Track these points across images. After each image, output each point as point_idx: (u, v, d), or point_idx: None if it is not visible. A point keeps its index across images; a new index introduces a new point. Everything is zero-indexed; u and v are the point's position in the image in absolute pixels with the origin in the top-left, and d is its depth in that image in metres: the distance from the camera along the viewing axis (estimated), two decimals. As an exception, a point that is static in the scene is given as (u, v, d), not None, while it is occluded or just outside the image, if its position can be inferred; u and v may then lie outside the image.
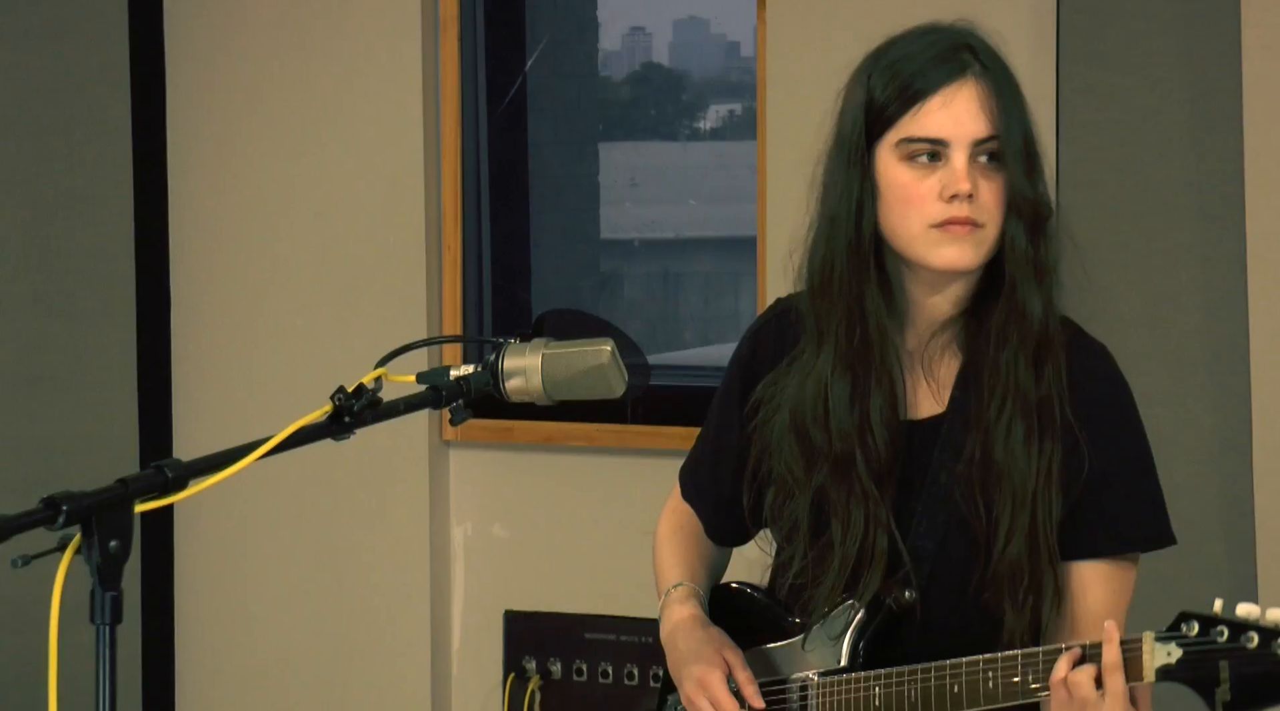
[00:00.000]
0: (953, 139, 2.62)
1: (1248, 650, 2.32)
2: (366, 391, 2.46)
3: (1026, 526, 2.63)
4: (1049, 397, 2.65)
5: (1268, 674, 2.31)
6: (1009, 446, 2.64)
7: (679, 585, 2.97)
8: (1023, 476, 2.63)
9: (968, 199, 2.61)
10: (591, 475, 4.64)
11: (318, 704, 4.79)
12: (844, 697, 2.72)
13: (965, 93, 2.62)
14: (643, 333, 5.29)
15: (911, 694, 2.64)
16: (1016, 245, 2.64)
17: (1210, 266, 3.94)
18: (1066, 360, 2.68)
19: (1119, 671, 2.43)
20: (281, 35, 4.74)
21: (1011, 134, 2.62)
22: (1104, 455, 2.66)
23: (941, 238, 2.63)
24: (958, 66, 2.63)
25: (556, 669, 4.68)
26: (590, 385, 2.62)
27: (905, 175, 2.64)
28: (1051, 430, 2.64)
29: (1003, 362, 2.66)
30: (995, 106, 2.62)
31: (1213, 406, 3.95)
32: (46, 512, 2.18)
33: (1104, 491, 2.66)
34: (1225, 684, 2.34)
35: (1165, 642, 2.39)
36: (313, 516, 4.77)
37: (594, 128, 5.29)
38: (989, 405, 2.67)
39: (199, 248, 4.83)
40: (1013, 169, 2.63)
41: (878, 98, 2.65)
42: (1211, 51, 3.90)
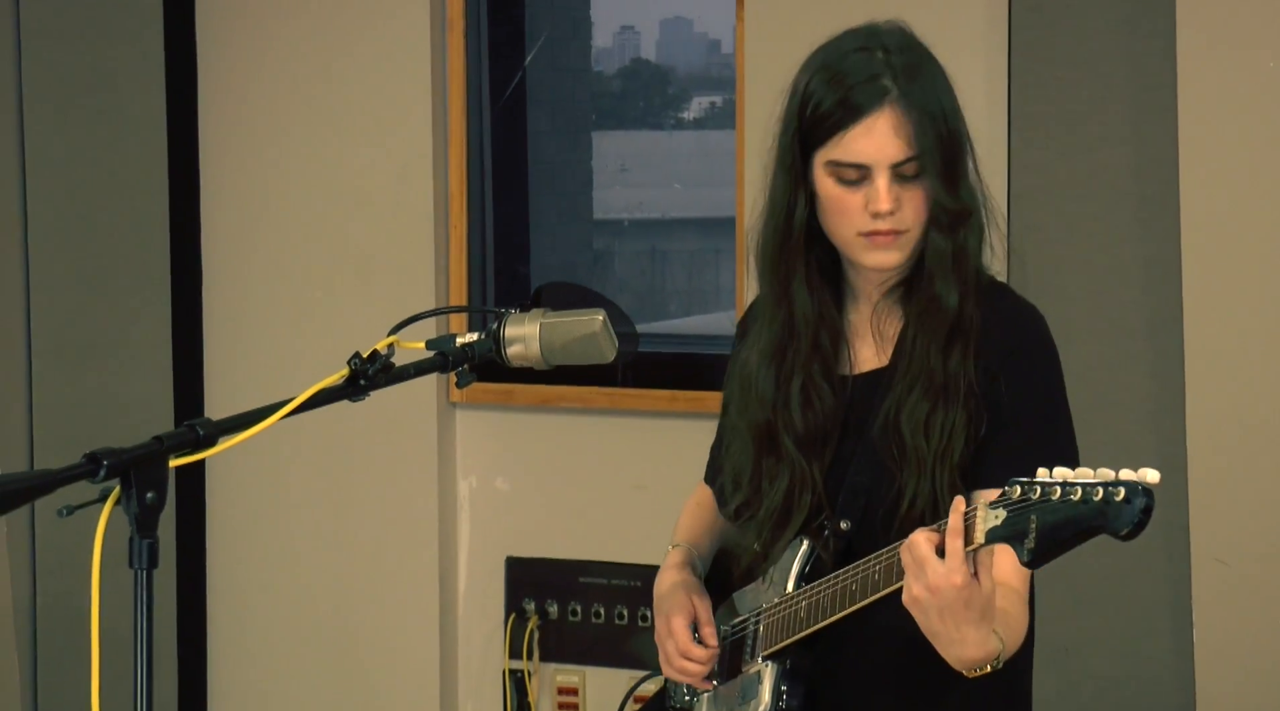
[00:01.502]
0: (873, 163, 2.64)
1: (1051, 501, 2.32)
2: (380, 357, 2.46)
3: (928, 493, 2.66)
4: (957, 375, 2.68)
5: (1063, 520, 2.31)
6: (914, 421, 2.68)
7: (676, 546, 3.02)
8: (922, 450, 2.67)
9: (890, 215, 2.64)
10: (585, 433, 4.64)
11: (336, 641, 4.79)
12: (780, 617, 2.76)
13: (883, 121, 2.63)
14: (632, 304, 5.28)
15: (823, 600, 2.68)
16: (936, 247, 2.69)
17: (1147, 244, 3.94)
18: (985, 314, 2.70)
19: (958, 534, 2.42)
20: (303, 35, 4.73)
21: (928, 151, 2.64)
22: (1012, 396, 2.67)
23: (869, 244, 2.68)
24: (877, 93, 2.63)
25: (554, 610, 4.68)
26: (584, 351, 2.62)
27: (835, 189, 2.68)
28: (957, 404, 2.67)
29: (917, 347, 2.70)
30: (912, 128, 2.63)
31: (1149, 371, 3.95)
32: (89, 467, 2.18)
33: (1013, 428, 2.67)
34: (1031, 534, 2.34)
35: (994, 508, 2.39)
36: (331, 471, 4.76)
37: (587, 118, 5.27)
38: (898, 383, 2.71)
39: (228, 227, 4.82)
40: (931, 181, 2.65)
41: (808, 114, 2.68)
42: (1149, 49, 3.90)
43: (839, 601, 2.65)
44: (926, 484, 2.66)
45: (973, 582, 2.43)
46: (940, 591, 2.43)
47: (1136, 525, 2.28)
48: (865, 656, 2.73)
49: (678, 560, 2.98)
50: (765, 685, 2.77)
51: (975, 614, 2.45)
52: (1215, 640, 3.86)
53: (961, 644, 2.47)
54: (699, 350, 4.69)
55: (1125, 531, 2.28)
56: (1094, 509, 2.29)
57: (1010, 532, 2.36)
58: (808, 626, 2.71)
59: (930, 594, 2.44)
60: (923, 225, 2.67)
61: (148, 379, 4.78)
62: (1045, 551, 2.33)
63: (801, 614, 2.72)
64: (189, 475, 4.77)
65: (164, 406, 4.76)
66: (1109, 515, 2.28)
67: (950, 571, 2.42)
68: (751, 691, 2.79)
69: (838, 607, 2.65)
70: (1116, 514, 2.28)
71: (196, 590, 4.87)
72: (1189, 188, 3.84)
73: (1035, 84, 3.98)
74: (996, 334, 2.70)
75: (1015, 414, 2.67)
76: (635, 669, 4.56)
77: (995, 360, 2.68)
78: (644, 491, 4.55)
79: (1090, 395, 3.88)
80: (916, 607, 2.47)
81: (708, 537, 3.02)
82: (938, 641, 2.49)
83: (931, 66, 2.70)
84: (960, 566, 2.42)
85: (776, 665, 2.77)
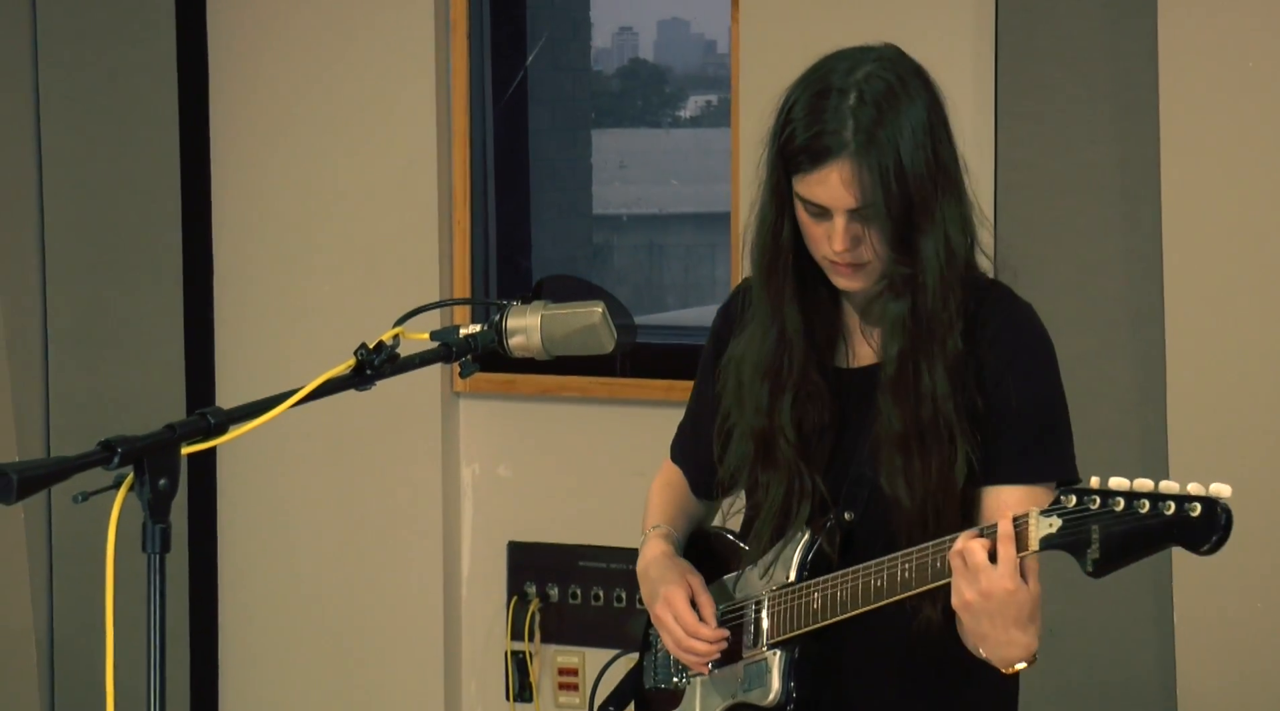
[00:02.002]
0: (831, 207, 2.63)
1: (1114, 512, 2.33)
2: (386, 347, 2.45)
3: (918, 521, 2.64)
4: (932, 415, 2.65)
5: (1131, 531, 2.32)
6: (892, 483, 2.67)
7: (656, 527, 3.01)
8: (907, 507, 2.65)
9: (846, 252, 2.64)
10: (585, 422, 4.64)
11: (343, 623, 4.79)
12: (789, 606, 2.74)
13: (836, 174, 2.61)
14: (630, 296, 5.29)
15: (842, 594, 2.66)
16: (889, 310, 2.68)
17: (1130, 238, 3.94)
18: (987, 317, 2.69)
19: (1010, 541, 2.43)
20: (311, 37, 4.73)
21: (877, 207, 2.61)
22: (1015, 396, 2.66)
23: (834, 270, 2.69)
24: (837, 145, 2.60)
25: (554, 592, 4.68)
26: (584, 342, 2.61)
27: (806, 217, 2.67)
28: (936, 442, 2.65)
29: (879, 405, 2.69)
30: (864, 184, 2.60)
31: (1132, 362, 3.95)
32: (103, 454, 2.18)
33: (1014, 426, 2.66)
34: (1095, 544, 2.34)
35: (1048, 515, 2.40)
36: (338, 458, 4.76)
37: (587, 116, 5.27)
38: (875, 397, 2.71)
39: (238, 222, 4.82)
40: (879, 230, 2.63)
41: (785, 143, 2.66)
42: (1132, 50, 3.90)
43: (863, 596, 2.63)
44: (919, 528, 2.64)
45: (1023, 587, 2.45)
46: (993, 597, 2.45)
47: (1218, 541, 2.30)
48: (869, 646, 2.72)
49: (661, 542, 2.97)
50: (774, 673, 2.75)
51: (1024, 617, 2.47)
52: (1195, 622, 3.86)
53: (1009, 646, 2.50)
54: (695, 341, 4.67)
55: (1206, 547, 2.30)
56: (1166, 522, 2.30)
57: (1068, 541, 2.37)
58: (824, 619, 2.69)
59: (983, 599, 2.46)
60: (885, 256, 2.65)
61: (160, 369, 4.78)
62: (1111, 561, 2.35)
63: (815, 606, 2.70)
64: (201, 462, 4.77)
65: (176, 396, 4.75)
66: (1187, 529, 2.30)
67: (1002, 577, 2.44)
68: (758, 679, 2.77)
69: (860, 603, 2.63)
70: (1195, 529, 2.29)
71: (207, 574, 4.87)
72: (1170, 184, 3.84)
73: (1021, 84, 3.98)
74: (995, 338, 2.68)
75: (1022, 411, 2.66)
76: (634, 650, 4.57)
77: (998, 362, 2.67)
78: (642, 478, 4.53)
79: (1075, 384, 3.87)
80: (968, 612, 2.49)
81: (682, 518, 3.02)
82: (985, 643, 2.51)
83: (907, 111, 2.64)
84: (1013, 572, 2.44)
85: (785, 653, 2.75)
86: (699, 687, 2.88)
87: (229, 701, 4.91)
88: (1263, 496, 3.80)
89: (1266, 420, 3.80)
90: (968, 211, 2.71)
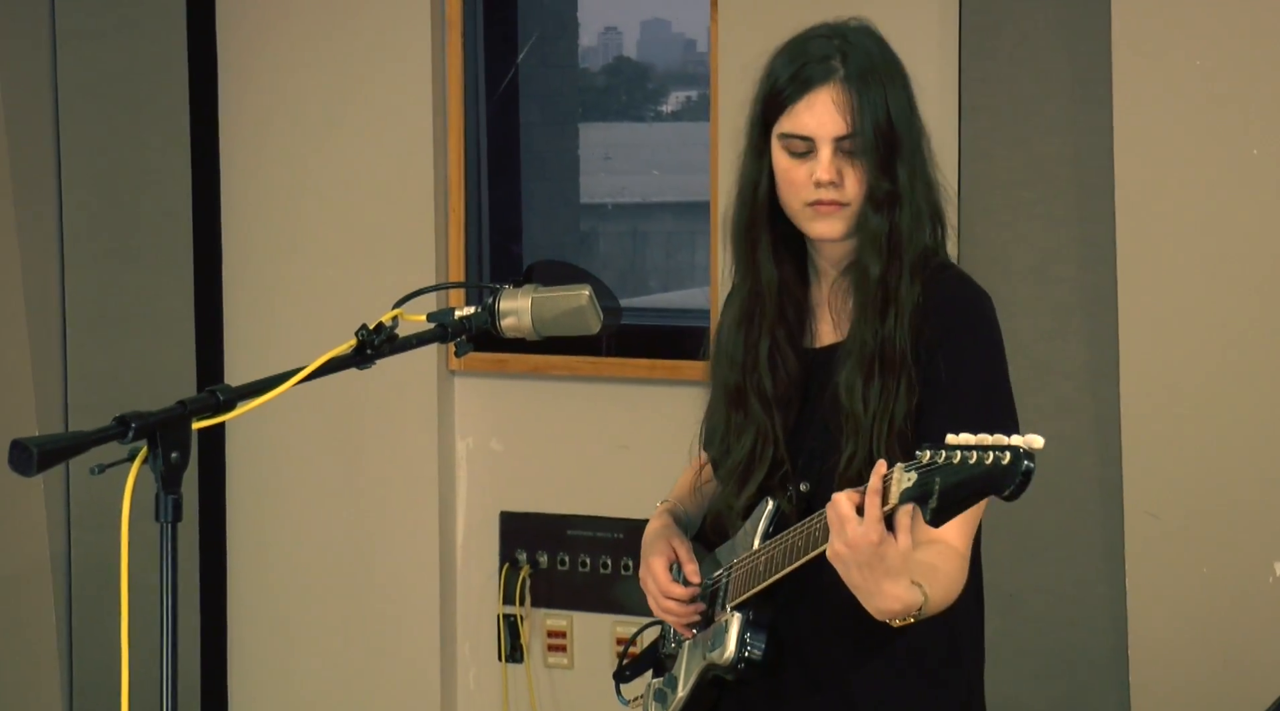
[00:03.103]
0: (816, 136, 2.63)
1: (952, 464, 2.31)
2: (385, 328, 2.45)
3: (865, 456, 2.63)
4: (890, 345, 2.64)
5: (960, 482, 2.30)
6: (850, 389, 2.66)
7: (664, 502, 3.00)
8: (860, 416, 2.64)
9: (831, 185, 2.62)
10: (572, 399, 4.63)
11: (345, 588, 4.79)
12: (744, 571, 2.74)
13: (825, 97, 2.61)
14: (615, 280, 5.28)
15: (776, 555, 2.66)
16: (867, 223, 2.66)
17: (1085, 226, 3.94)
18: (934, 292, 2.67)
19: (876, 494, 2.41)
20: (315, 35, 4.72)
21: (865, 132, 2.61)
22: (951, 365, 2.64)
23: (814, 214, 2.66)
24: (823, 72, 2.62)
25: (544, 560, 4.68)
26: (572, 323, 2.61)
27: (785, 162, 2.66)
28: (892, 371, 2.64)
29: (854, 320, 2.69)
30: (854, 107, 2.61)
31: (1086, 343, 3.95)
32: (118, 429, 2.17)
33: (949, 400, 2.63)
34: (934, 495, 2.32)
35: (908, 470, 2.37)
36: (339, 433, 4.75)
37: (574, 111, 5.26)
38: (841, 355, 2.70)
39: (246, 210, 4.81)
40: (867, 161, 2.63)
41: (768, 93, 2.67)
42: (1087, 48, 3.90)
43: (787, 556, 2.64)
44: (864, 448, 2.63)
45: (888, 539, 2.42)
46: (858, 547, 2.43)
47: (1017, 487, 2.26)
48: (820, 607, 2.70)
49: (660, 516, 2.96)
50: (731, 633, 2.75)
51: (892, 568, 2.44)
52: (1146, 586, 3.87)
53: (880, 596, 2.47)
54: (676, 323, 4.69)
55: (1007, 492, 2.27)
56: (984, 471, 2.28)
57: (918, 493, 2.35)
58: (764, 579, 2.69)
59: (849, 549, 2.44)
60: (862, 201, 2.65)
61: (173, 348, 4.77)
62: (945, 510, 2.32)
63: (760, 568, 2.71)
64: (210, 437, 4.76)
65: (187, 373, 4.74)
66: (995, 477, 2.27)
67: (867, 529, 2.42)
68: (719, 639, 2.77)
69: (786, 562, 2.64)
70: (1001, 476, 2.26)
71: (217, 542, 4.86)
72: (1123, 174, 3.84)
73: (983, 79, 3.97)
74: (937, 311, 2.66)
75: (952, 386, 2.64)
76: (618, 613, 4.58)
77: (935, 335, 2.65)
78: (626, 451, 4.55)
79: (1033, 363, 3.89)
80: (838, 562, 2.47)
81: (693, 495, 2.99)
82: (858, 593, 2.49)
83: (889, 67, 2.66)
84: (876, 524, 2.41)
85: (741, 615, 2.75)
86: (685, 649, 2.89)
87: (236, 658, 4.90)
88: (1210, 466, 3.81)
89: (1213, 396, 3.81)
90: (937, 192, 2.71)
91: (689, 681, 2.85)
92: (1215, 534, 3.81)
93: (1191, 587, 3.83)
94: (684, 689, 2.86)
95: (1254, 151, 3.75)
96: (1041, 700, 4.02)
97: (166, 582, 2.18)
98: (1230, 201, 3.78)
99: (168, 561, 2.18)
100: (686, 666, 2.87)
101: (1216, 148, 3.78)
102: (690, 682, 2.85)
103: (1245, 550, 3.79)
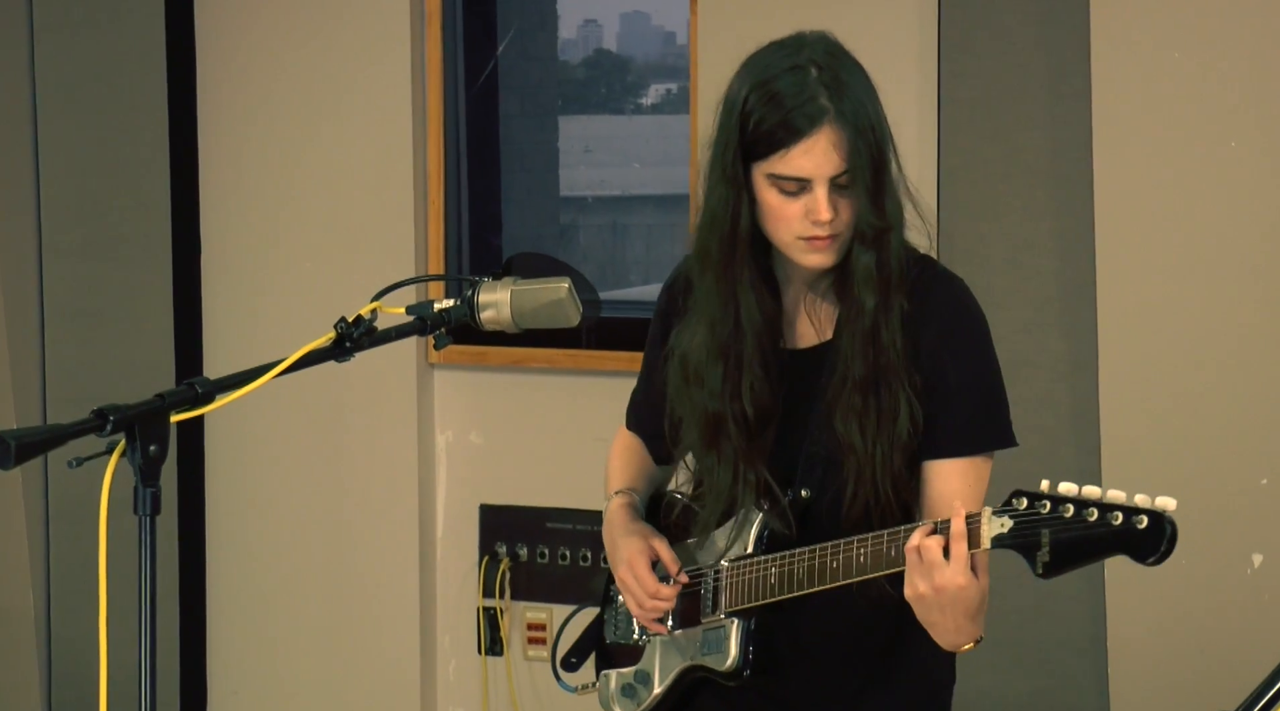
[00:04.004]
0: (814, 177, 2.59)
1: (1064, 518, 2.32)
2: (364, 321, 2.45)
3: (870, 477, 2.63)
4: (886, 366, 2.63)
5: (1079, 538, 2.32)
6: (846, 423, 2.64)
7: (618, 492, 2.96)
8: (858, 446, 2.63)
9: (828, 223, 2.60)
10: (552, 392, 4.63)
11: (325, 582, 4.79)
12: (747, 577, 2.72)
13: (822, 140, 2.57)
14: (595, 273, 5.28)
15: (799, 570, 2.64)
16: (859, 259, 2.63)
17: (1063, 218, 3.94)
18: (922, 295, 2.66)
19: (963, 539, 2.43)
20: (294, 28, 4.71)
21: (860, 167, 2.58)
22: (953, 372, 2.64)
23: (807, 247, 2.63)
24: (817, 114, 2.57)
25: (523, 552, 4.68)
26: (551, 316, 2.60)
27: (776, 199, 2.62)
28: (886, 391, 2.63)
29: (846, 348, 2.66)
30: (847, 146, 2.57)
31: (1065, 335, 3.96)
32: (97, 421, 2.17)
33: (953, 401, 2.63)
34: (1045, 547, 2.34)
35: (1000, 515, 2.39)
36: (319, 426, 4.75)
37: (554, 103, 5.26)
38: (828, 386, 2.67)
39: (224, 202, 4.80)
40: (860, 197, 2.60)
41: (749, 130, 2.61)
42: (1066, 42, 3.90)
43: (818, 576, 2.61)
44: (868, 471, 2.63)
45: (974, 583, 2.45)
46: (945, 591, 2.45)
47: (1163, 554, 2.29)
48: (822, 619, 2.71)
49: (623, 506, 2.93)
50: (732, 640, 2.73)
51: (973, 609, 2.48)
52: (1123, 577, 3.87)
53: (957, 632, 2.50)
54: (656, 316, 4.68)
55: (1152, 559, 2.29)
56: (1114, 533, 2.30)
57: (1019, 543, 2.37)
58: (780, 593, 2.67)
59: (935, 593, 2.46)
60: (853, 230, 2.62)
61: (151, 341, 4.76)
62: (1060, 565, 2.34)
63: (772, 580, 2.67)
64: (189, 429, 4.75)
65: (166, 366, 4.74)
66: (1134, 541, 2.29)
67: (955, 573, 2.44)
68: (716, 645, 2.75)
69: (816, 582, 2.62)
70: (1142, 541, 2.29)
71: (196, 535, 4.86)
72: (1101, 168, 3.85)
73: (962, 74, 3.98)
74: (933, 316, 2.65)
75: (960, 388, 2.64)
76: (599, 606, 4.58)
77: (936, 340, 2.64)
78: (605, 444, 4.52)
79: (1011, 355, 3.88)
80: (920, 603, 2.48)
81: (643, 481, 2.97)
82: (934, 630, 2.52)
83: (857, 76, 2.63)
84: (965, 569, 2.44)
85: (742, 623, 2.73)
86: (658, 646, 2.85)
87: (215, 649, 4.90)
88: (1188, 458, 3.82)
89: (1191, 388, 3.82)
90: (907, 188, 2.69)
91: (666, 680, 2.83)
92: (1193, 525, 3.81)
93: (1170, 579, 3.84)
94: (660, 686, 2.84)
95: (1231, 144, 3.75)
96: (1020, 690, 4.02)
97: (145, 575, 2.17)
98: (1208, 194, 3.78)
99: (146, 554, 2.17)
100: (662, 663, 2.84)
101: (1194, 141, 3.79)
102: (668, 681, 2.83)
103: (1223, 541, 3.79)
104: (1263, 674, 2.25)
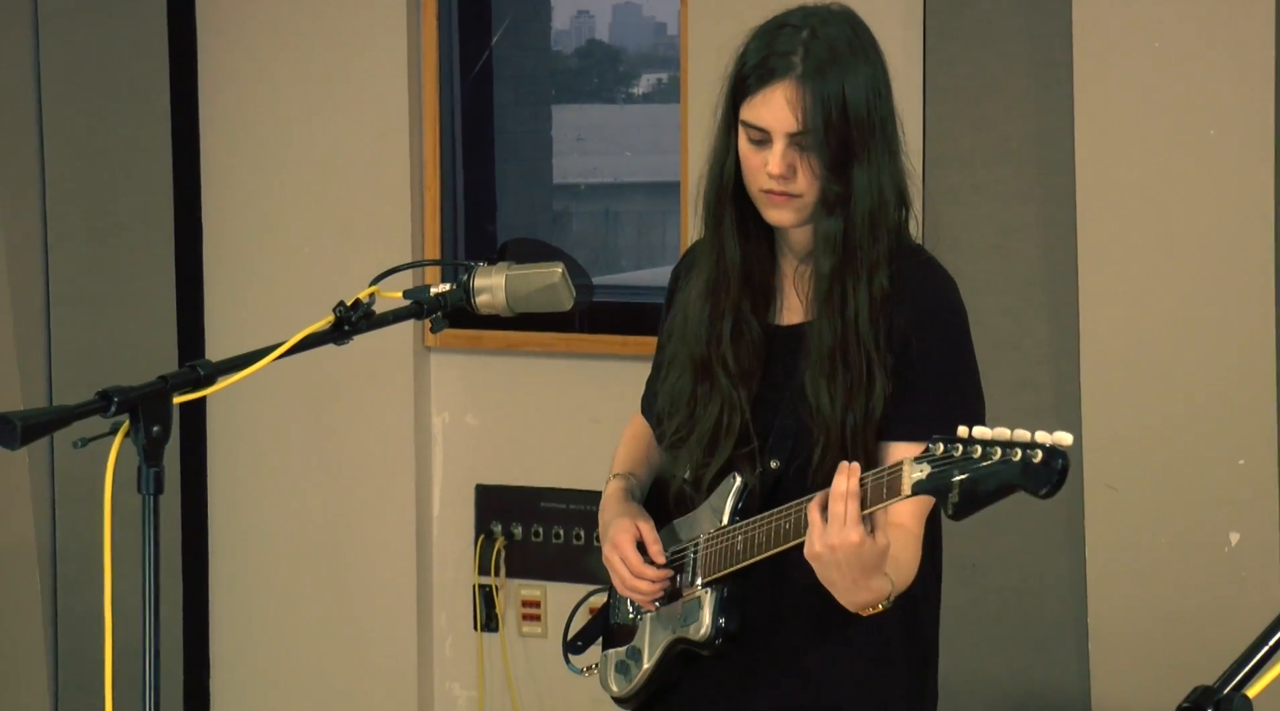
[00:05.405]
0: (771, 129, 2.60)
1: (972, 459, 2.32)
2: (362, 305, 2.45)
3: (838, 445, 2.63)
4: (851, 332, 2.63)
5: (984, 476, 2.31)
6: (815, 386, 2.65)
7: (617, 475, 2.97)
8: (827, 412, 2.63)
9: (781, 178, 2.60)
10: (546, 374, 4.63)
11: (324, 561, 4.79)
12: (718, 548, 2.73)
13: (779, 94, 2.59)
14: (587, 258, 5.27)
15: (758, 536, 2.65)
16: (821, 223, 2.64)
17: (1046, 204, 3.95)
18: (903, 279, 2.66)
19: (851, 498, 2.43)
20: (293, 17, 4.70)
21: (817, 131, 2.58)
22: (919, 356, 2.64)
23: (768, 201, 2.65)
24: (783, 67, 2.59)
25: (518, 531, 4.68)
26: (545, 300, 2.61)
27: (746, 146, 2.64)
28: (855, 364, 2.63)
29: (817, 320, 2.66)
30: (806, 107, 2.57)
31: (1047, 319, 3.96)
32: (101, 403, 2.17)
33: (923, 386, 2.64)
34: (955, 489, 2.33)
35: (919, 463, 2.38)
36: (318, 408, 4.75)
37: (547, 93, 5.25)
38: (804, 336, 2.69)
39: (226, 187, 4.79)
40: (819, 157, 2.60)
41: (737, 74, 2.64)
42: (1049, 30, 3.90)
43: (772, 539, 2.63)
44: (836, 439, 2.63)
45: (867, 539, 2.44)
46: (838, 549, 2.45)
47: (1054, 485, 2.28)
48: (793, 585, 2.69)
49: (618, 488, 2.93)
50: (706, 610, 2.74)
51: (869, 566, 2.47)
52: (1104, 556, 3.88)
53: (855, 591, 2.50)
54: (647, 300, 4.69)
55: (1044, 491, 2.28)
56: (1014, 468, 2.29)
57: (935, 487, 2.35)
58: (744, 559, 2.68)
59: (829, 551, 2.45)
60: (817, 192, 2.62)
61: (154, 325, 4.76)
62: (968, 505, 2.33)
63: (738, 547, 2.69)
64: (191, 411, 4.75)
65: (169, 349, 4.74)
66: (1028, 475, 2.28)
67: (847, 531, 2.43)
68: (693, 615, 2.76)
69: (770, 545, 2.63)
70: (1035, 474, 2.28)
71: (198, 515, 4.86)
72: (1083, 155, 3.85)
73: (947, 61, 3.98)
74: (908, 299, 2.65)
75: (925, 373, 2.63)
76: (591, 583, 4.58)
77: (907, 323, 2.64)
78: (598, 425, 4.55)
79: (995, 338, 3.90)
80: (816, 562, 2.48)
81: (644, 467, 2.98)
82: (833, 589, 2.51)
83: (857, 58, 2.62)
84: (856, 526, 2.43)
85: (715, 591, 2.74)
86: (648, 623, 2.87)
87: (218, 626, 4.90)
88: (1168, 439, 3.83)
89: (1171, 371, 3.82)
90: (901, 176, 2.68)
91: (654, 654, 2.84)
92: (1172, 505, 3.83)
93: (1149, 557, 3.85)
94: (649, 661, 2.85)
95: (1211, 132, 3.76)
96: (1003, 667, 4.03)
97: (149, 553, 2.18)
98: (1188, 180, 3.79)
99: (149, 532, 2.18)
100: (651, 639, 2.86)
101: (1175, 127, 3.79)
102: (656, 656, 2.84)
103: (1201, 520, 3.80)
104: (1240, 648, 2.25)
